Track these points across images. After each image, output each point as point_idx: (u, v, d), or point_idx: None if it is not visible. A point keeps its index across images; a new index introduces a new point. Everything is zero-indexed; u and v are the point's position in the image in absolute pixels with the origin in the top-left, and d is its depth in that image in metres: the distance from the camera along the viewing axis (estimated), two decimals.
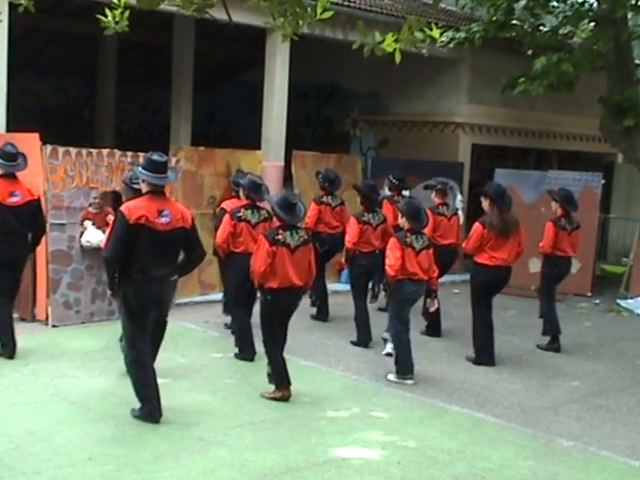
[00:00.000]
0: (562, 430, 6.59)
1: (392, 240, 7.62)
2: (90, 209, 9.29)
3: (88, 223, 9.34)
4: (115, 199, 9.03)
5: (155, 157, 5.99)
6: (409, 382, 7.55)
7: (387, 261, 7.51)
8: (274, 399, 6.74)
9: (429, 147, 15.23)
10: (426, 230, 8.26)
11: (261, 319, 6.88)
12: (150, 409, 6.02)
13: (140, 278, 5.83)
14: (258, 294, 7.11)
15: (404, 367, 7.62)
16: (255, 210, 8.00)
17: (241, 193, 8.24)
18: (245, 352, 8.00)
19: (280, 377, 6.79)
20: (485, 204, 8.47)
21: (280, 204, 6.67)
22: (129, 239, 5.77)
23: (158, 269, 5.87)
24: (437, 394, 7.33)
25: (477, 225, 8.40)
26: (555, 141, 17.08)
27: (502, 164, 14.77)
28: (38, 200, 7.74)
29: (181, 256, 6.25)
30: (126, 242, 5.78)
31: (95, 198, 9.28)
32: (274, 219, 7.98)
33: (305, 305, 7.10)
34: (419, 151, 14.99)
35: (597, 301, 12.52)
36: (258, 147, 12.50)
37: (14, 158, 7.51)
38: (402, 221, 7.69)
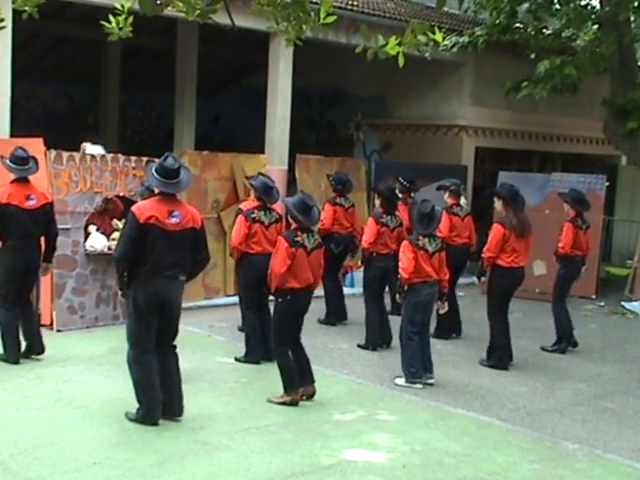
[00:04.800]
0: (567, 433, 6.58)
1: (404, 243, 7.63)
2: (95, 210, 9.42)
3: (92, 228, 9.36)
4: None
5: (167, 163, 6.04)
6: (418, 386, 7.53)
7: (400, 264, 7.52)
8: (283, 404, 6.73)
9: (433, 150, 15.24)
10: (443, 230, 8.27)
11: (276, 320, 6.90)
12: (146, 411, 6.02)
13: (149, 276, 5.91)
14: (271, 297, 7.10)
15: (412, 370, 7.60)
16: (267, 211, 8.10)
17: (252, 195, 8.32)
18: (253, 354, 8.04)
19: (290, 380, 6.78)
20: (498, 205, 8.48)
21: (297, 207, 6.72)
22: (139, 238, 5.86)
23: (167, 268, 5.94)
24: (442, 397, 7.32)
25: (497, 227, 8.32)
26: (559, 144, 17.07)
27: (506, 167, 14.79)
28: (52, 203, 7.82)
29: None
30: (136, 241, 5.86)
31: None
32: (284, 221, 8.06)
33: (310, 308, 7.08)
34: (423, 154, 14.99)
35: (602, 303, 12.51)
36: (262, 151, 12.51)
37: (26, 162, 7.57)
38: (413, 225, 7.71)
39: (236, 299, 10.51)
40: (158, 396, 6.05)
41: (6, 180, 7.74)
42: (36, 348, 7.67)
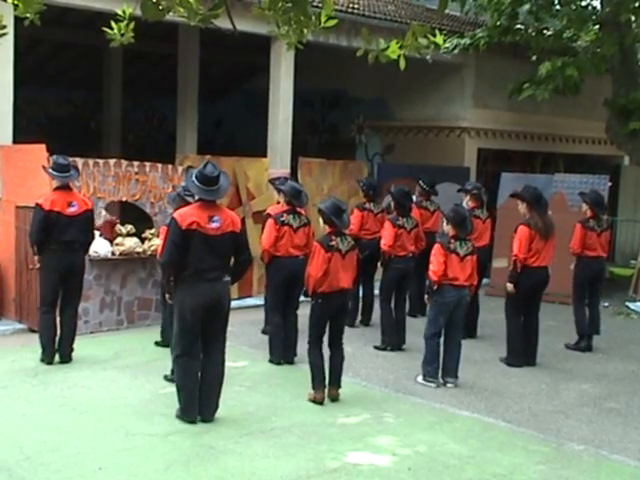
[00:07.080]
0: (573, 434, 6.57)
1: (436, 246, 7.72)
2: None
3: (95, 233, 9.35)
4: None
5: (207, 170, 6.17)
6: (431, 385, 7.63)
7: (431, 266, 7.63)
8: (313, 401, 6.88)
9: (435, 152, 15.24)
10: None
11: (310, 319, 7.06)
12: (182, 410, 6.26)
13: (193, 281, 6.09)
14: (302, 297, 7.33)
15: (428, 369, 7.71)
16: (296, 215, 8.19)
17: (282, 199, 8.38)
18: (275, 355, 8.19)
19: (314, 378, 6.94)
20: (522, 207, 8.57)
21: (331, 210, 6.89)
22: (182, 244, 6.05)
23: (210, 271, 6.12)
24: (447, 399, 7.32)
25: (523, 228, 8.43)
26: (561, 144, 17.07)
27: (508, 168, 14.77)
28: (92, 210, 8.05)
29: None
30: (179, 247, 6.06)
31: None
32: (312, 225, 8.20)
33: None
34: (425, 156, 14.99)
35: (606, 304, 12.45)
36: (264, 154, 12.52)
37: (67, 169, 7.79)
38: (447, 228, 7.77)
39: (240, 302, 10.60)
40: (194, 397, 6.22)
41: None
42: (64, 357, 7.87)
